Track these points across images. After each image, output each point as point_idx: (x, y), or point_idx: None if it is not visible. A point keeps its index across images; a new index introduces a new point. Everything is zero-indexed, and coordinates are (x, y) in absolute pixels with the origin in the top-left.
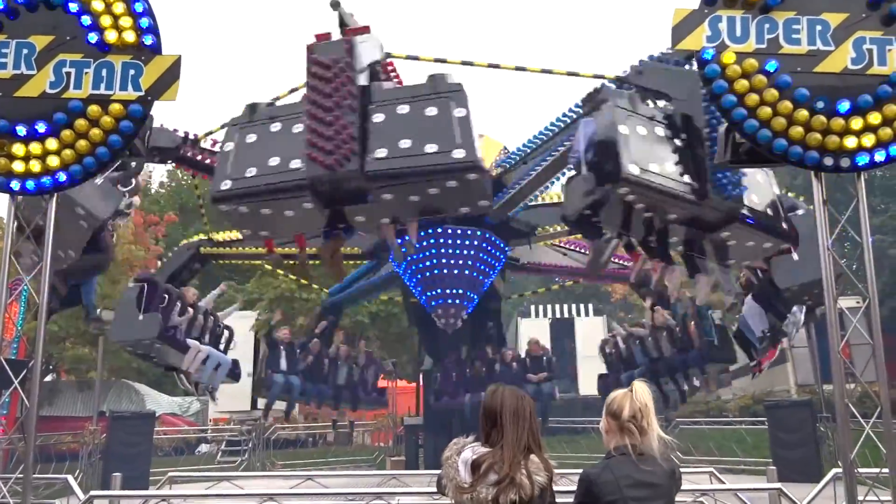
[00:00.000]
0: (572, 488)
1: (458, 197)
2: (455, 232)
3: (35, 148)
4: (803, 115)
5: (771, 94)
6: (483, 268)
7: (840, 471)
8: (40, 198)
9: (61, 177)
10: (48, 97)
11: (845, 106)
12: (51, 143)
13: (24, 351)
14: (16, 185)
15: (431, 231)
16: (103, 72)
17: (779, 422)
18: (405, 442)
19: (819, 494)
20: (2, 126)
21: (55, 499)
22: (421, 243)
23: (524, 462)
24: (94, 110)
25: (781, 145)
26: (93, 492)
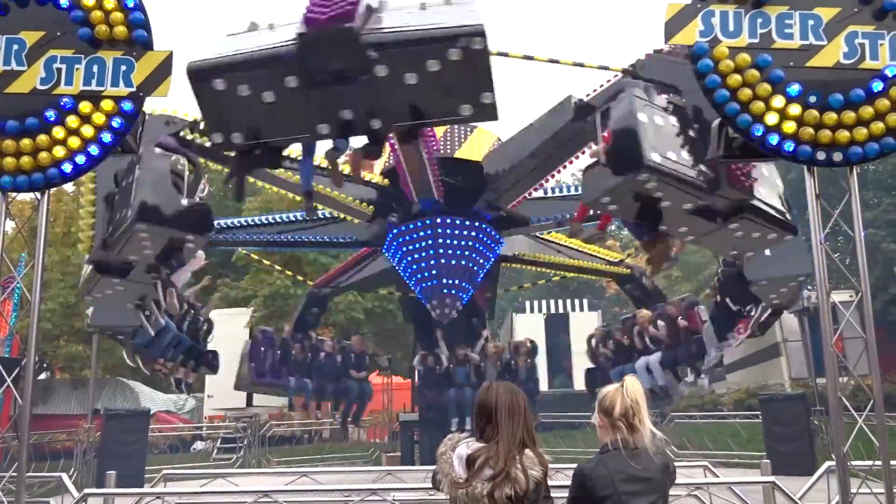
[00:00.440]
0: (567, 483)
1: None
2: (451, 222)
3: (26, 144)
4: (796, 109)
5: (764, 89)
6: (478, 258)
7: (833, 464)
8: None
9: (53, 173)
10: (39, 93)
11: (838, 100)
12: (42, 140)
13: (18, 349)
14: (7, 182)
15: (429, 221)
16: (94, 67)
17: (773, 415)
18: (400, 438)
19: (812, 487)
20: None
21: (49, 497)
22: (417, 234)
23: (519, 457)
24: (85, 106)
25: (774, 140)
26: (87, 489)
